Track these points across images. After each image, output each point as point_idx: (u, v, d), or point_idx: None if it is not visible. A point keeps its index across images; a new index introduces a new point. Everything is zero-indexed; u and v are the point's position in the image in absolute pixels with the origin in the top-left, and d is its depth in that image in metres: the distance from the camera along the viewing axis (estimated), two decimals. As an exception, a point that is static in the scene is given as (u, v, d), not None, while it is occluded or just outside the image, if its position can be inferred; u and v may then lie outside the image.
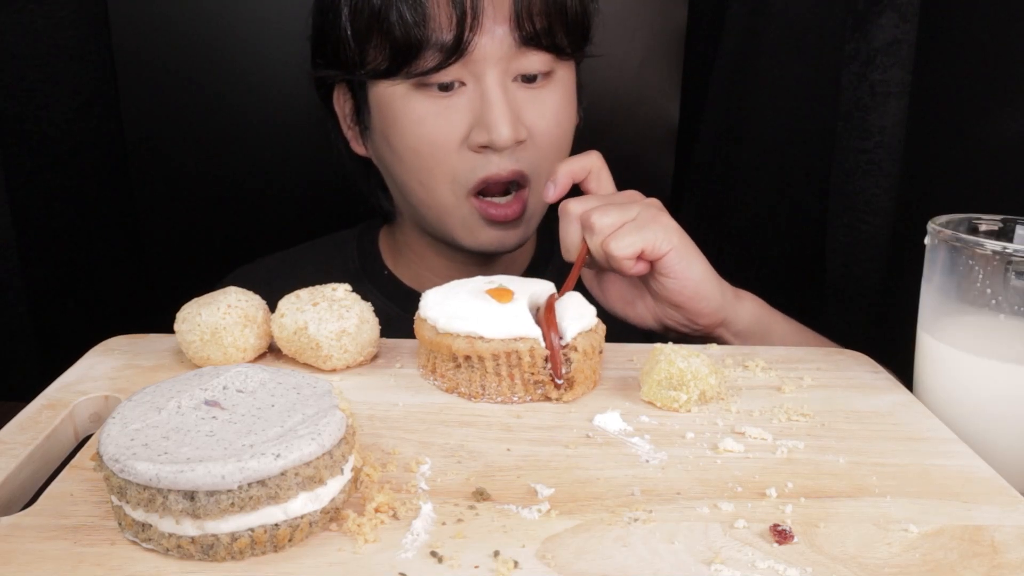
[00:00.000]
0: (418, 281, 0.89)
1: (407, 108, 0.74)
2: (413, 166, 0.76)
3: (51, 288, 1.01)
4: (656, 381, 0.55)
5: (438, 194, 0.77)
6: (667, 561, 0.39)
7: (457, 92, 0.74)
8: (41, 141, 0.98)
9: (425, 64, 0.72)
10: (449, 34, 0.71)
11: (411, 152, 0.76)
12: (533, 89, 0.76)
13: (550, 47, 0.74)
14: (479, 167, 0.75)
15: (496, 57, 0.73)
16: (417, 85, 0.74)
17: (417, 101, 0.74)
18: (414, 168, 0.76)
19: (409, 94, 0.74)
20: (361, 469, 0.45)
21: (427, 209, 0.79)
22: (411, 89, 0.74)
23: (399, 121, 0.75)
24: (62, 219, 1.01)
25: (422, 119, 0.74)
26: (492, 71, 0.73)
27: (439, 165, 0.75)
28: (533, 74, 0.75)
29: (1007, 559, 0.40)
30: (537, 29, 0.73)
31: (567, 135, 0.80)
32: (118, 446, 0.40)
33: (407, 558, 0.39)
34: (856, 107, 0.85)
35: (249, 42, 1.07)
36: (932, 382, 0.58)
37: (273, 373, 0.47)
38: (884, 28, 0.82)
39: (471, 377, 0.56)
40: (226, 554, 0.39)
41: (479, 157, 0.75)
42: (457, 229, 0.79)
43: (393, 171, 0.80)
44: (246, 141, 1.10)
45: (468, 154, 0.75)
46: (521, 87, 0.75)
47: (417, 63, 0.72)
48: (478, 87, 0.73)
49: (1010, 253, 0.52)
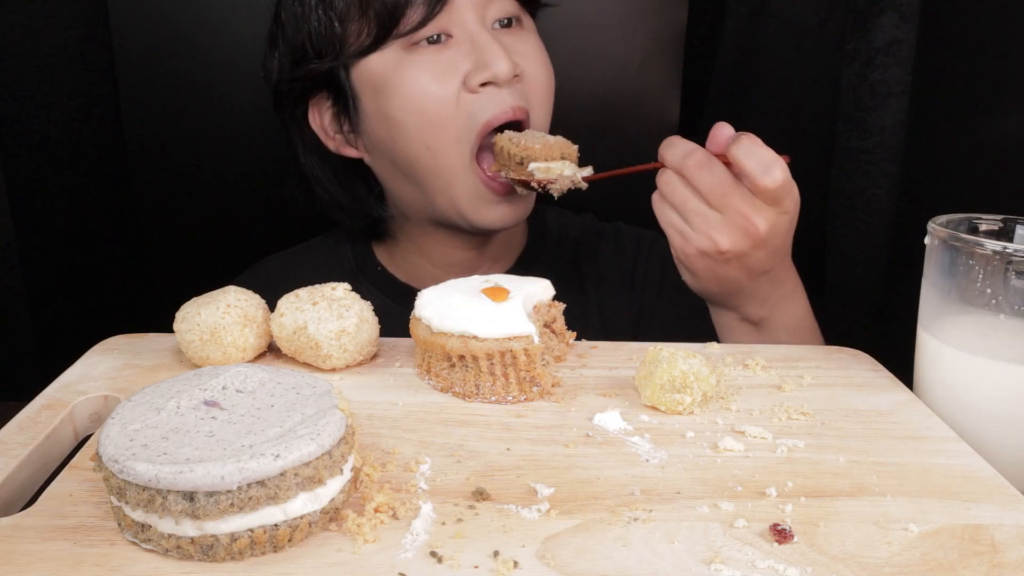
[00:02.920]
0: (412, 275, 0.90)
1: (402, 73, 0.75)
2: (418, 129, 0.76)
3: (51, 288, 1.01)
4: (658, 385, 0.54)
5: (445, 157, 0.77)
6: (667, 561, 0.39)
7: (446, 44, 0.76)
8: (41, 141, 0.98)
9: (411, 20, 0.74)
10: None
11: (415, 115, 0.76)
12: (511, 34, 0.79)
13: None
14: (481, 108, 0.75)
15: (474, 4, 0.75)
16: (407, 47, 0.75)
17: (411, 63, 0.75)
18: (419, 131, 0.76)
19: (402, 60, 0.75)
20: (361, 469, 0.45)
21: (435, 179, 0.79)
22: (403, 54, 0.75)
23: (397, 88, 0.76)
24: (62, 219, 1.01)
25: (418, 78, 0.75)
26: (472, 16, 0.75)
27: (445, 120, 0.75)
28: (508, 18, 0.78)
29: (1007, 558, 0.40)
30: None
31: (552, 79, 0.82)
32: (117, 447, 0.40)
33: (407, 558, 0.39)
34: (856, 107, 0.85)
35: (249, 42, 1.07)
36: (932, 381, 0.58)
37: (272, 373, 0.47)
38: (884, 28, 0.82)
39: (465, 377, 0.56)
40: (226, 554, 0.39)
41: (481, 97, 0.75)
42: (463, 202, 0.79)
43: (395, 148, 0.79)
44: (246, 141, 1.10)
45: (469, 97, 0.75)
46: (500, 33, 0.78)
47: (404, 21, 0.74)
48: (465, 34, 0.75)
49: (1010, 253, 0.52)
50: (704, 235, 0.64)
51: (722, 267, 0.66)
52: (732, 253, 0.64)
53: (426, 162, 0.78)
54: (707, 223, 0.64)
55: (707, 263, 0.66)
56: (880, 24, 0.82)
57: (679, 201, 0.65)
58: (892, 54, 0.82)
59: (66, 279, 1.03)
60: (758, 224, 0.63)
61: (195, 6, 1.06)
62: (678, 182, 0.64)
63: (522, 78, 0.77)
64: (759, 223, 0.63)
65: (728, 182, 0.63)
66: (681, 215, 0.65)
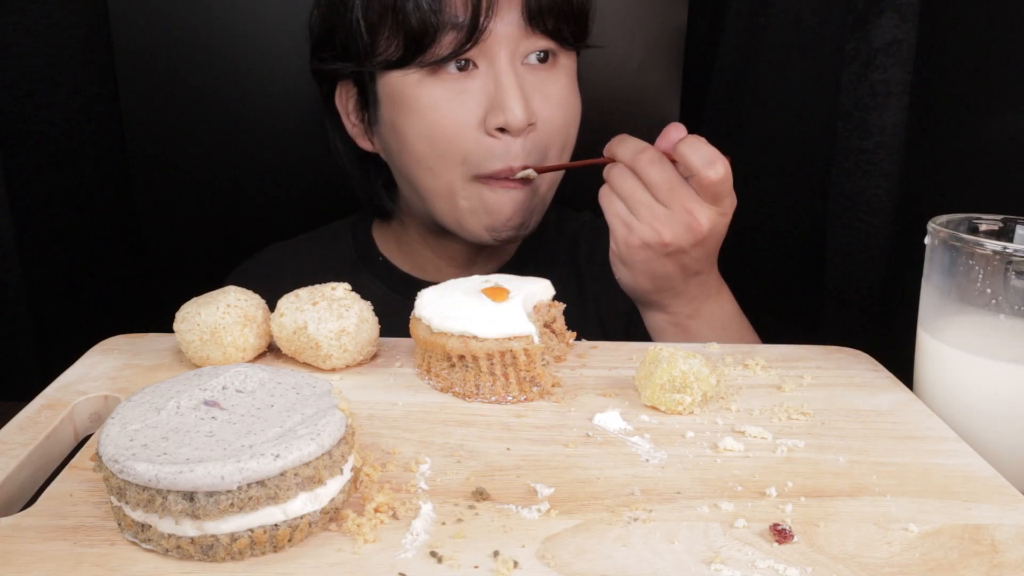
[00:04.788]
0: (415, 265, 0.90)
1: (421, 94, 0.75)
2: (424, 154, 0.76)
3: (51, 288, 1.01)
4: (658, 385, 0.54)
5: (447, 179, 0.77)
6: (667, 561, 0.39)
7: (470, 74, 0.75)
8: (41, 141, 0.98)
9: (440, 50, 0.72)
10: (464, 18, 0.71)
11: (424, 139, 0.76)
12: (540, 72, 0.77)
13: (554, 32, 0.76)
14: (495, 156, 0.75)
15: (507, 39, 0.74)
16: (431, 70, 0.74)
17: (431, 86, 0.74)
18: (425, 155, 0.76)
19: (423, 80, 0.74)
20: (361, 469, 0.45)
21: (435, 197, 0.79)
22: (425, 75, 0.74)
23: (413, 108, 0.75)
24: (62, 219, 1.01)
25: (437, 104, 0.74)
26: (503, 52, 0.74)
27: (453, 149, 0.75)
28: (540, 56, 0.77)
29: (1007, 558, 0.40)
30: (543, 11, 0.74)
31: (572, 122, 0.81)
32: (117, 447, 0.40)
33: (407, 558, 0.39)
34: (856, 107, 0.85)
35: (249, 42, 1.07)
36: (932, 382, 0.58)
37: (272, 373, 0.47)
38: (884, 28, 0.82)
39: (465, 377, 0.56)
40: (226, 554, 0.39)
41: (496, 143, 0.75)
42: (466, 216, 0.79)
43: (403, 161, 0.79)
44: (247, 141, 1.10)
45: (484, 138, 0.75)
46: (529, 70, 0.76)
47: (432, 50, 0.72)
48: (491, 69, 0.74)
49: (1010, 253, 0.52)
50: (649, 226, 0.67)
51: (660, 261, 0.68)
52: (673, 247, 0.67)
53: (427, 181, 0.78)
54: (653, 215, 0.66)
55: (647, 256, 0.68)
56: (880, 24, 0.82)
57: (627, 192, 0.67)
58: (892, 54, 0.82)
59: (66, 279, 1.03)
60: (701, 220, 0.66)
61: (195, 6, 1.06)
62: (628, 175, 0.68)
63: (537, 125, 0.76)
64: (702, 219, 0.66)
65: (676, 178, 0.66)
66: (628, 206, 0.68)
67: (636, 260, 0.69)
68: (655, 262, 0.68)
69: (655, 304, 0.73)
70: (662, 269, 0.69)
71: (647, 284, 0.71)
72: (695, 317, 0.73)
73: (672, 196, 0.66)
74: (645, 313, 0.75)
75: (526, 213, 0.80)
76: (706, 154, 0.65)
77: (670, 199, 0.66)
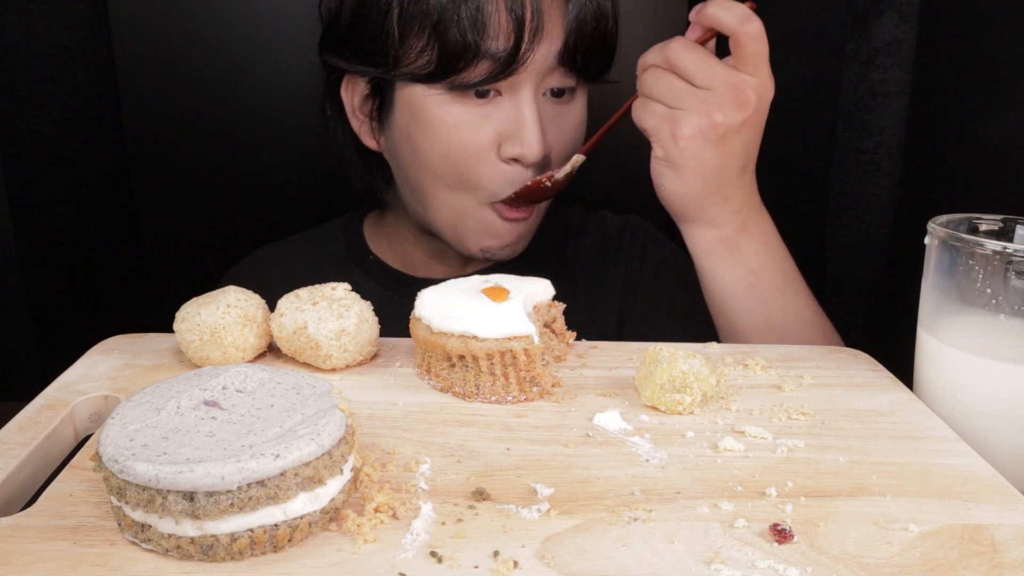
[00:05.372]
0: (406, 263, 0.90)
1: (443, 114, 0.74)
2: (442, 172, 0.76)
3: (51, 288, 1.01)
4: (658, 385, 0.54)
5: (461, 199, 0.78)
6: (667, 561, 0.39)
7: (492, 101, 0.74)
8: (41, 141, 0.98)
9: (472, 76, 0.71)
10: (504, 45, 0.70)
11: (442, 159, 0.76)
12: (559, 105, 0.77)
13: (583, 69, 0.76)
14: (509, 182, 0.76)
15: (536, 71, 0.73)
16: (455, 92, 0.73)
17: (454, 108, 0.74)
18: (442, 173, 0.76)
19: (445, 101, 0.74)
20: (361, 469, 0.45)
21: (442, 210, 0.79)
22: (448, 97, 0.74)
23: (433, 126, 0.75)
24: (62, 219, 1.01)
25: (457, 127, 0.74)
26: (529, 84, 0.74)
27: (469, 171, 0.76)
28: (563, 90, 0.76)
29: (1007, 558, 0.40)
30: (579, 47, 0.74)
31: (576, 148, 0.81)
32: (117, 447, 0.40)
33: (407, 558, 0.39)
34: (856, 107, 0.85)
35: (249, 42, 1.07)
36: (932, 382, 0.58)
37: (272, 373, 0.47)
38: (884, 28, 0.82)
39: (465, 377, 0.56)
40: (226, 554, 0.39)
41: (510, 170, 0.75)
42: (468, 234, 0.80)
43: (412, 171, 0.79)
44: (246, 141, 1.10)
45: (499, 164, 0.75)
46: (549, 102, 0.76)
47: (465, 74, 0.71)
48: (513, 98, 0.74)
49: (1010, 253, 0.52)
50: (697, 112, 0.64)
51: (713, 150, 0.66)
52: (724, 126, 0.64)
53: (440, 194, 0.78)
54: (699, 99, 0.64)
55: (699, 147, 0.65)
56: (880, 24, 0.82)
57: (663, 90, 0.65)
58: (892, 54, 0.82)
59: (66, 279, 1.03)
60: (747, 92, 0.64)
61: (195, 6, 1.06)
62: (662, 74, 0.65)
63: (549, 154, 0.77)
64: (748, 91, 0.64)
65: (712, 59, 0.64)
66: (669, 103, 0.65)
67: (687, 155, 0.66)
68: (707, 153, 0.66)
69: (703, 217, 0.70)
70: (713, 160, 0.66)
71: (698, 186, 0.67)
72: (744, 230, 0.71)
73: (713, 76, 0.64)
74: (691, 233, 0.72)
75: (523, 240, 0.82)
76: (738, 10, 0.63)
77: (711, 79, 0.64)
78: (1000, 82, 0.76)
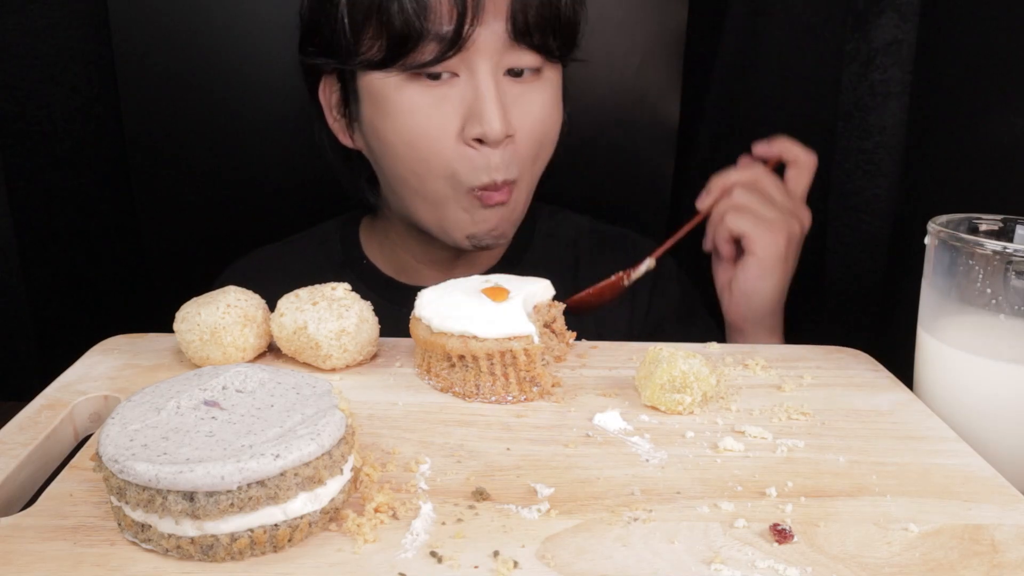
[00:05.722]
0: (396, 269, 0.90)
1: (400, 99, 0.74)
2: (407, 157, 0.76)
3: (51, 288, 1.01)
4: (658, 385, 0.54)
5: (434, 186, 0.77)
6: (667, 561, 0.39)
7: (448, 82, 0.74)
8: (41, 141, 0.98)
9: (422, 56, 0.72)
10: (448, 26, 0.70)
11: (405, 145, 0.75)
12: (522, 84, 0.76)
13: (540, 46, 0.75)
14: (479, 170, 0.75)
15: (490, 50, 0.73)
16: (410, 75, 0.74)
17: (410, 91, 0.74)
18: (408, 159, 0.76)
19: (402, 85, 0.74)
20: (361, 469, 0.45)
21: (421, 200, 0.79)
22: (404, 80, 0.74)
23: (391, 112, 0.75)
24: (62, 219, 1.01)
25: (414, 110, 0.74)
26: (485, 63, 0.73)
27: (435, 156, 0.75)
28: (522, 69, 0.76)
29: (1007, 558, 0.40)
30: (530, 25, 0.73)
31: (551, 136, 0.80)
32: (117, 447, 0.40)
33: (407, 558, 0.39)
34: (856, 107, 0.85)
35: (250, 43, 1.07)
36: (932, 382, 0.58)
37: (272, 373, 0.47)
38: (884, 28, 0.82)
39: (465, 377, 0.56)
40: (226, 554, 0.39)
41: (476, 154, 0.74)
42: (451, 224, 0.79)
43: (385, 162, 0.79)
44: (247, 141, 1.10)
45: (463, 148, 0.74)
46: (511, 82, 0.75)
47: (414, 55, 0.72)
48: (471, 79, 0.74)
49: (1010, 253, 0.52)
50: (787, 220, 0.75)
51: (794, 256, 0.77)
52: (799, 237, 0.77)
53: (413, 183, 0.78)
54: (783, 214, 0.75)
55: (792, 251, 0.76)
56: (880, 24, 0.82)
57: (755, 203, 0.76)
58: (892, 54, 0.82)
59: (66, 279, 1.03)
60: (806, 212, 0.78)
61: (195, 6, 1.06)
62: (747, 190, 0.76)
63: (516, 137, 0.76)
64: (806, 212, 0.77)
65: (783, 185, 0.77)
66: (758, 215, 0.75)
67: (788, 257, 0.76)
68: (792, 259, 0.76)
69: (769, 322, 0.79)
70: (792, 266, 0.77)
71: (782, 288, 0.77)
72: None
73: (786, 199, 0.76)
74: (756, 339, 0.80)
75: (508, 225, 0.80)
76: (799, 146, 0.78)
77: (784, 202, 0.76)
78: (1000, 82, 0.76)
